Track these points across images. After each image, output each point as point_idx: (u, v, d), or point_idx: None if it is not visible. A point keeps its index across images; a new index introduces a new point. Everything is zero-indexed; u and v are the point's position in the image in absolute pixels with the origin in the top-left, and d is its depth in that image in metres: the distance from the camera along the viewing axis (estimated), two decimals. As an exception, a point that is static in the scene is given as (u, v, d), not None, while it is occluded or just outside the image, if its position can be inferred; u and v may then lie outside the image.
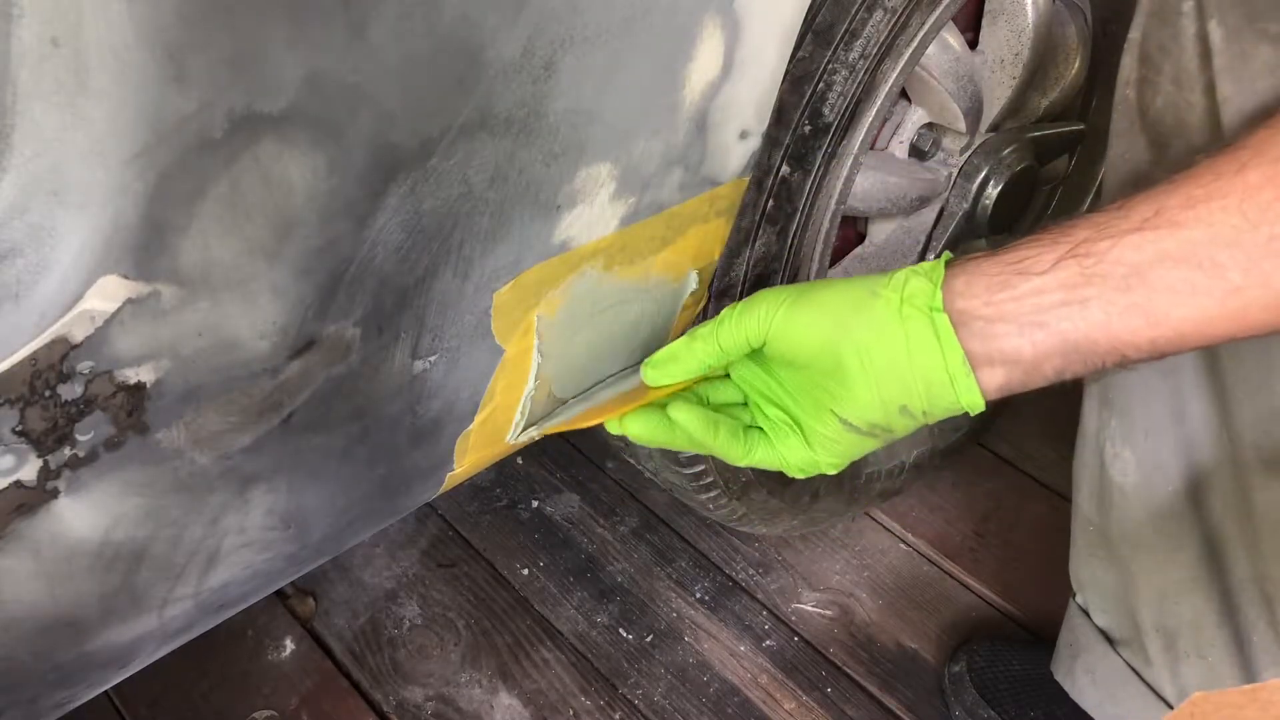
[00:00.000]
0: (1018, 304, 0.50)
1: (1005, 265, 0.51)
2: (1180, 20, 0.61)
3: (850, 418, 0.54)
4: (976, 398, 0.52)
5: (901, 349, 0.52)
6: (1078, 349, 0.50)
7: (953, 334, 0.51)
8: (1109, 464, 0.78)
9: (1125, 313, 0.48)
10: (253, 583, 0.60)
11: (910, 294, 0.52)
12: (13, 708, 0.52)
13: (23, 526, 0.44)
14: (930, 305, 0.51)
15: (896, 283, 0.53)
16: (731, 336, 0.58)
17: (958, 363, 0.51)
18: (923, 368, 0.52)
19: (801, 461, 0.58)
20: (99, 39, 0.35)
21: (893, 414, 0.54)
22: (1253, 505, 0.68)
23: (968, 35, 1.00)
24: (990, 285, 0.51)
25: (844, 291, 0.55)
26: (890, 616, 1.17)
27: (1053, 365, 0.51)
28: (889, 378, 0.53)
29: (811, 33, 0.72)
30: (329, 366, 0.52)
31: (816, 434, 0.57)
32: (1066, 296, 0.49)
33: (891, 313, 0.52)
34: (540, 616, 1.16)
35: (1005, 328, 0.51)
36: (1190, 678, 0.79)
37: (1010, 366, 0.51)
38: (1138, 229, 0.48)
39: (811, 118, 0.75)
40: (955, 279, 0.52)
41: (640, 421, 0.60)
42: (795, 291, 0.56)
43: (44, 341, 0.40)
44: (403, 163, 0.47)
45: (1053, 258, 0.50)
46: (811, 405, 0.56)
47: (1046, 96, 1.12)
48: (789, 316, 0.55)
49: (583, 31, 0.51)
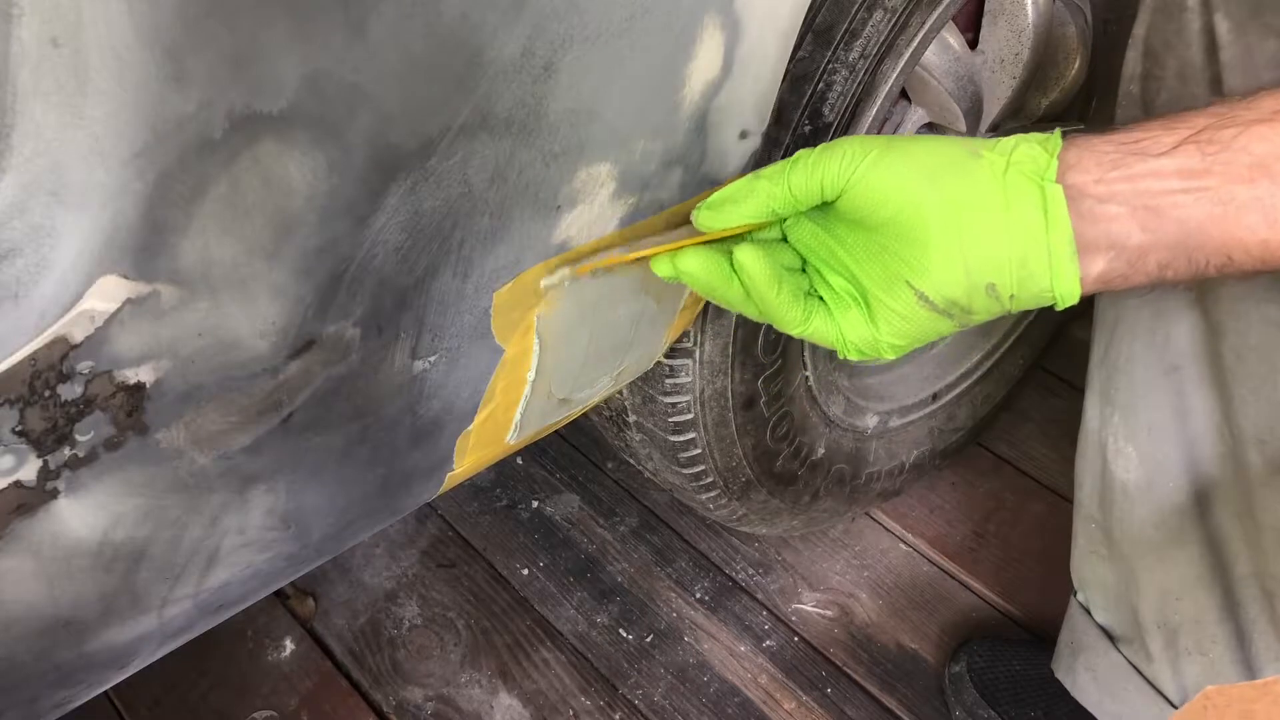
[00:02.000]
0: (1132, 184, 0.46)
1: (1120, 144, 0.47)
2: (1185, 15, 0.61)
3: (928, 291, 0.48)
4: (1074, 285, 0.47)
5: (1000, 218, 0.46)
6: (1187, 242, 0.46)
7: (1064, 209, 0.46)
8: (1111, 461, 0.78)
9: (1245, 206, 0.45)
10: (253, 583, 0.60)
11: (1019, 159, 0.47)
12: (13, 708, 0.52)
13: (22, 526, 0.44)
14: (1042, 175, 0.46)
15: (1004, 146, 0.48)
16: (805, 180, 0.51)
17: (1063, 242, 0.46)
18: (1022, 243, 0.46)
19: (861, 339, 0.52)
20: (99, 39, 0.35)
21: (977, 292, 0.48)
22: (1255, 502, 0.68)
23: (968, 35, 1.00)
24: (1104, 162, 0.47)
25: (942, 147, 0.49)
26: (890, 616, 1.17)
27: (1157, 259, 0.47)
28: (981, 249, 0.47)
29: (811, 33, 0.72)
30: (329, 366, 0.52)
31: (884, 308, 0.50)
32: (1184, 183, 0.45)
33: (994, 176, 0.47)
34: (540, 616, 1.16)
35: (1116, 209, 0.46)
36: (1191, 675, 0.79)
37: (1115, 254, 0.47)
38: (1266, 120, 0.45)
39: (811, 118, 0.75)
40: (1066, 152, 0.47)
41: (698, 260, 0.53)
42: (884, 140, 0.50)
43: (44, 341, 0.40)
44: (403, 163, 0.47)
45: (1172, 140, 0.46)
46: (883, 274, 0.50)
47: (1046, 96, 1.12)
48: (876, 165, 0.49)
49: (583, 31, 0.51)
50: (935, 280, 0.48)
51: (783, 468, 1.00)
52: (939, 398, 1.19)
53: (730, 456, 0.94)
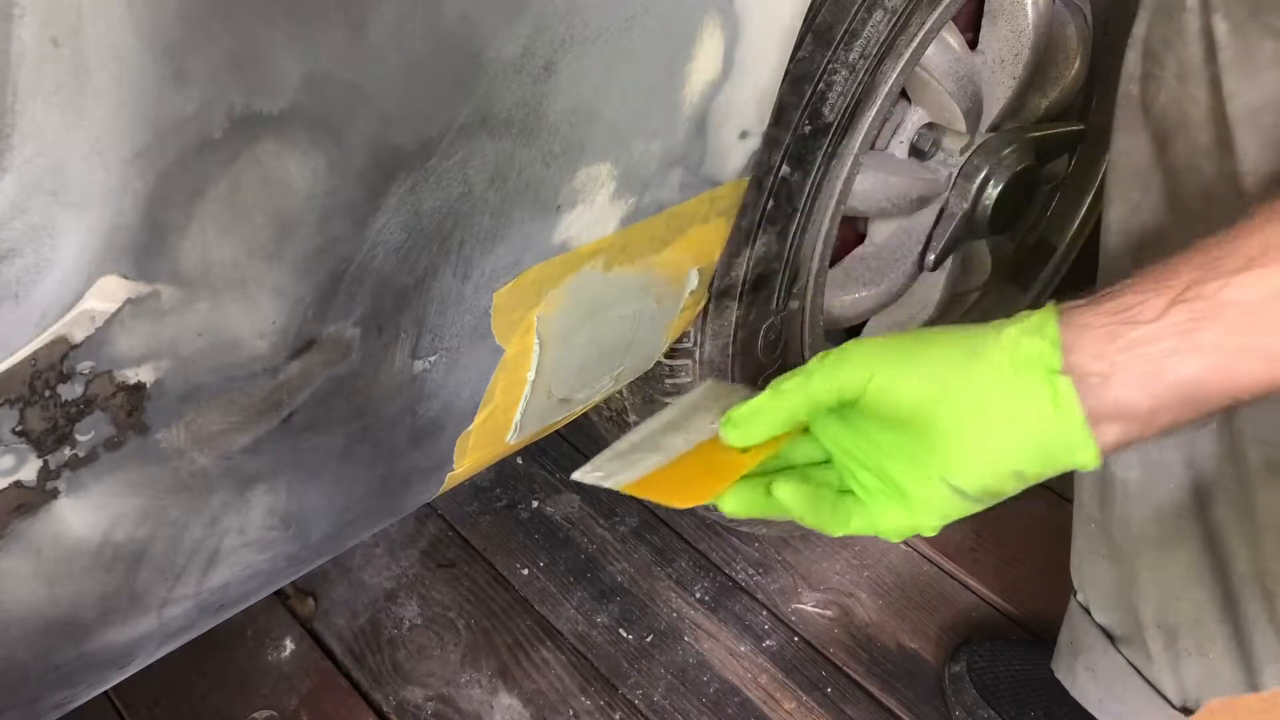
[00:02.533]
0: (1129, 355, 0.48)
1: (1111, 315, 0.49)
2: (1184, 15, 0.61)
3: (961, 483, 0.51)
4: (1094, 458, 0.50)
5: (1014, 416, 0.49)
6: (1194, 397, 0.48)
7: (1074, 399, 0.48)
8: (1111, 461, 0.78)
9: (1240, 355, 0.47)
10: (253, 583, 0.60)
11: (1023, 356, 0.49)
12: (13, 708, 0.52)
13: (23, 526, 0.44)
14: (1048, 367, 0.49)
15: (1006, 342, 0.50)
16: (823, 391, 0.53)
17: (1076, 427, 0.49)
18: (1038, 435, 0.49)
19: (900, 527, 0.55)
20: (99, 39, 0.35)
21: (1005, 478, 0.51)
22: (1254, 502, 0.68)
23: (968, 35, 1.00)
24: (1099, 338, 0.49)
25: (948, 348, 0.52)
26: (890, 616, 1.17)
27: (1168, 417, 0.49)
28: (1002, 444, 0.50)
29: (811, 33, 0.72)
30: (329, 366, 0.52)
31: (919, 500, 0.53)
32: (1179, 344, 0.47)
33: (1003, 374, 0.50)
34: (540, 616, 1.16)
35: (1119, 381, 0.48)
36: (1191, 675, 0.79)
37: (1126, 421, 0.49)
38: (1245, 267, 0.47)
39: (811, 118, 0.75)
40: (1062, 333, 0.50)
41: (738, 500, 0.56)
42: (891, 345, 0.53)
43: (44, 341, 0.40)
44: (403, 163, 0.47)
45: (1161, 304, 0.48)
46: (914, 469, 0.53)
47: (1046, 96, 1.12)
48: (890, 374, 0.52)
49: (583, 31, 0.51)
50: (966, 475, 0.51)
51: (783, 468, 1.00)
52: (939, 398, 1.18)
53: (730, 456, 0.94)
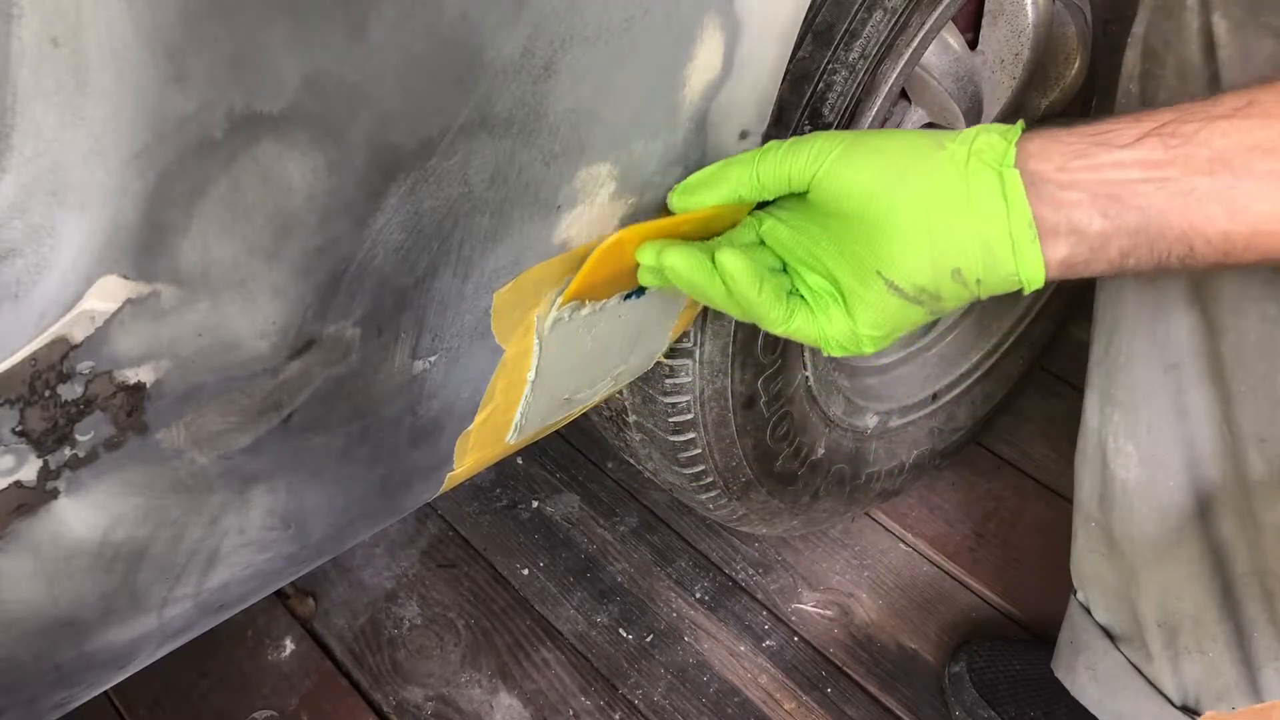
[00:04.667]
0: (1094, 174, 0.48)
1: (1085, 135, 0.49)
2: (1184, 14, 0.62)
3: (897, 279, 0.50)
4: (1038, 268, 0.49)
5: (962, 204, 0.48)
6: (1149, 229, 0.47)
7: (1023, 193, 0.47)
8: (1111, 459, 0.78)
9: (1205, 198, 0.46)
10: (253, 583, 0.60)
11: (979, 148, 0.49)
12: (13, 708, 0.52)
13: (23, 526, 0.44)
14: (1001, 162, 0.48)
15: (965, 137, 0.50)
16: (774, 170, 0.53)
17: (1023, 225, 0.48)
18: (983, 227, 0.48)
19: (841, 334, 0.53)
20: (99, 39, 0.35)
21: (944, 278, 0.49)
22: (1254, 500, 0.69)
23: (968, 35, 1.00)
24: (1066, 152, 0.48)
25: (906, 140, 0.51)
26: (890, 616, 1.17)
27: (1119, 245, 0.48)
28: (944, 235, 0.49)
29: (811, 33, 0.72)
30: (329, 366, 0.52)
31: (858, 299, 0.52)
32: (1146, 173, 0.47)
33: (956, 166, 0.49)
34: (540, 616, 1.16)
35: (1077, 195, 0.48)
36: (1191, 674, 0.79)
37: (1077, 239, 0.48)
38: (1228, 116, 0.46)
39: (811, 118, 0.75)
40: (1030, 141, 0.49)
41: (682, 256, 0.54)
42: (851, 135, 0.52)
43: (44, 341, 0.40)
44: (403, 163, 0.47)
45: (1136, 133, 0.48)
46: (854, 266, 0.52)
47: (1046, 96, 1.12)
48: (842, 158, 0.51)
49: (583, 31, 0.51)
50: (903, 268, 0.50)
51: (783, 468, 1.00)
52: (939, 398, 1.19)
53: (730, 456, 0.94)
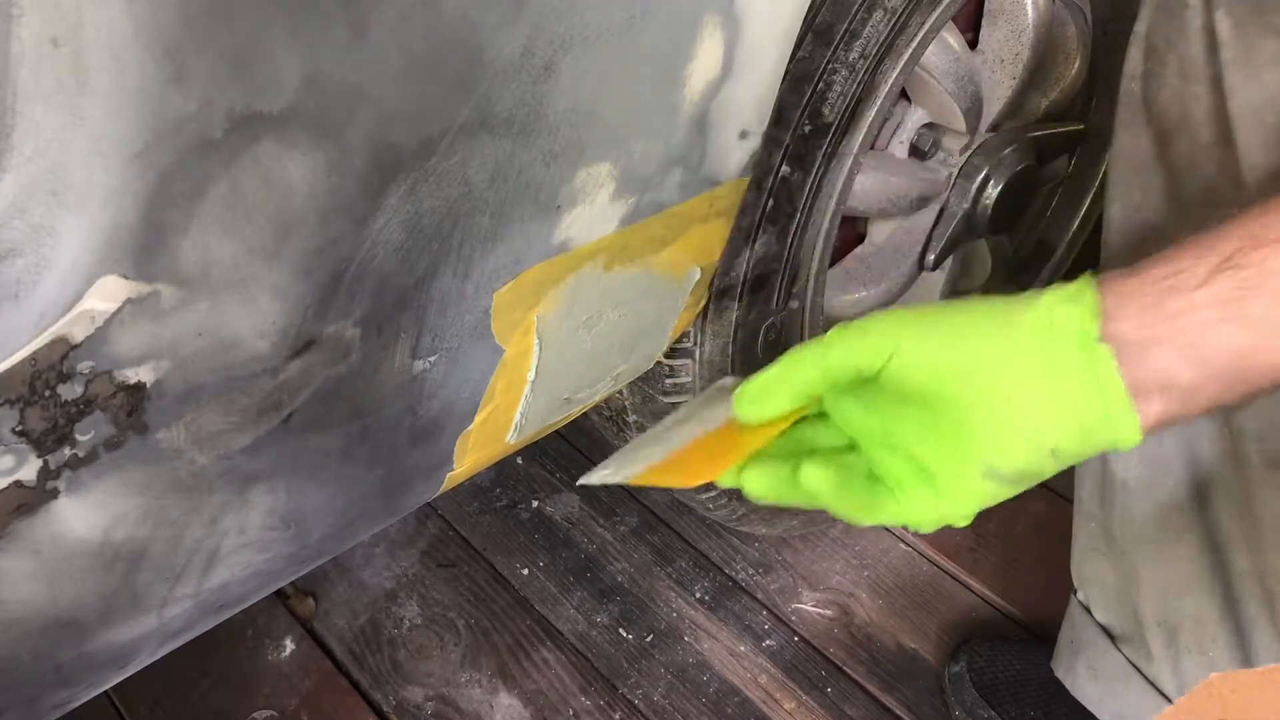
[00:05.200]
0: (1172, 324, 0.46)
1: (1156, 282, 0.47)
2: (1187, 13, 0.61)
3: (997, 464, 0.48)
4: (1134, 432, 0.47)
5: (1053, 385, 0.47)
6: (1238, 370, 0.46)
7: (1114, 369, 0.46)
8: (1111, 459, 0.78)
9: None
10: (253, 583, 0.60)
11: (1060, 323, 0.47)
12: (13, 708, 0.52)
13: (23, 526, 0.44)
14: (1086, 334, 0.46)
15: (1041, 310, 0.47)
16: (841, 362, 0.50)
17: (1118, 400, 0.46)
18: (1077, 405, 0.47)
19: (932, 517, 0.51)
20: (99, 39, 0.35)
21: (1043, 457, 0.48)
22: (1254, 500, 0.68)
23: (968, 35, 1.00)
24: (1141, 306, 0.46)
25: (979, 317, 0.48)
26: (890, 616, 1.17)
27: (1211, 392, 0.47)
28: (1039, 420, 0.47)
29: (811, 33, 0.72)
30: (329, 366, 0.52)
31: (952, 484, 0.49)
32: (1225, 313, 0.45)
33: (1040, 344, 0.47)
34: (540, 616, 1.16)
35: (1161, 351, 0.46)
36: (1191, 673, 0.79)
37: (1168, 394, 0.47)
38: None
39: (811, 118, 0.75)
40: (1104, 301, 0.47)
41: (762, 477, 0.52)
42: (917, 314, 0.50)
43: (44, 341, 0.40)
44: (403, 163, 0.47)
45: (1204, 272, 0.46)
46: (944, 450, 0.49)
47: (1046, 96, 1.12)
48: (917, 345, 0.48)
49: (583, 31, 0.51)
50: (1000, 456, 0.48)
51: (783, 468, 1.00)
52: (939, 397, 1.18)
53: (730, 456, 0.94)
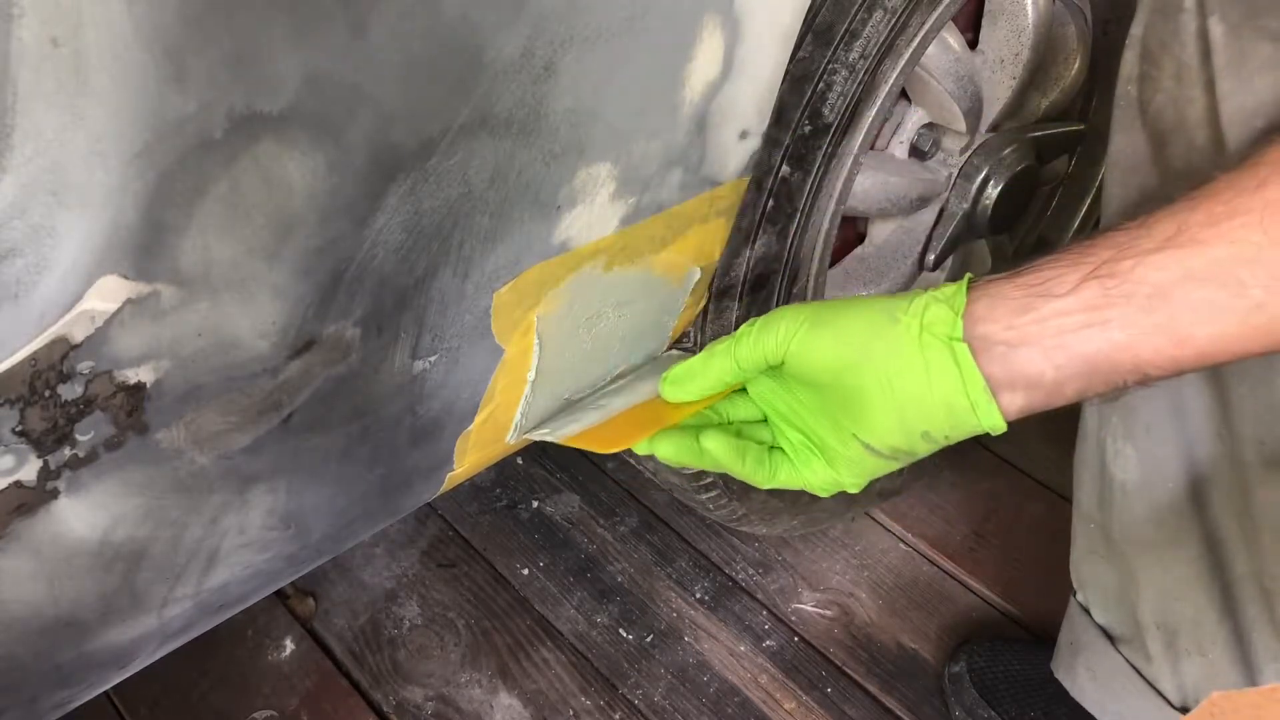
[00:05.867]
0: (1040, 326, 0.50)
1: (1027, 288, 0.51)
2: (1181, 16, 0.62)
3: (872, 442, 0.55)
4: (998, 421, 0.52)
5: (922, 376, 0.52)
6: (1099, 370, 0.50)
7: (972, 362, 0.51)
8: (1110, 461, 0.78)
9: (1149, 333, 0.48)
10: (253, 583, 0.60)
11: (930, 321, 0.52)
12: (13, 708, 0.52)
13: (23, 526, 0.44)
14: (950, 334, 0.52)
15: (916, 308, 0.53)
16: (749, 355, 0.58)
17: (978, 390, 0.51)
18: (943, 394, 0.52)
19: (825, 481, 0.59)
20: (99, 39, 0.35)
21: (914, 438, 0.54)
22: (1253, 502, 0.68)
23: (968, 35, 1.00)
24: (1012, 309, 0.51)
25: (863, 315, 0.55)
26: (890, 616, 1.17)
27: (1074, 387, 0.51)
28: (910, 404, 0.53)
29: (811, 33, 0.72)
30: (329, 366, 0.52)
31: (839, 455, 0.57)
32: (1089, 318, 0.49)
33: (911, 340, 0.52)
34: (540, 616, 1.16)
35: (1027, 351, 0.51)
36: (1191, 675, 0.79)
37: (1031, 390, 0.51)
38: (1160, 248, 0.48)
39: (811, 118, 0.75)
40: (976, 303, 0.52)
41: (670, 444, 0.61)
42: (813, 311, 0.56)
43: (44, 341, 0.40)
44: (403, 163, 0.48)
45: (1075, 279, 0.50)
46: (832, 427, 0.57)
47: (1046, 96, 1.12)
48: (807, 339, 0.55)
49: (583, 31, 0.51)
50: (878, 433, 0.55)
51: (783, 468, 1.00)
52: (939, 398, 1.18)
53: (730, 456, 0.94)
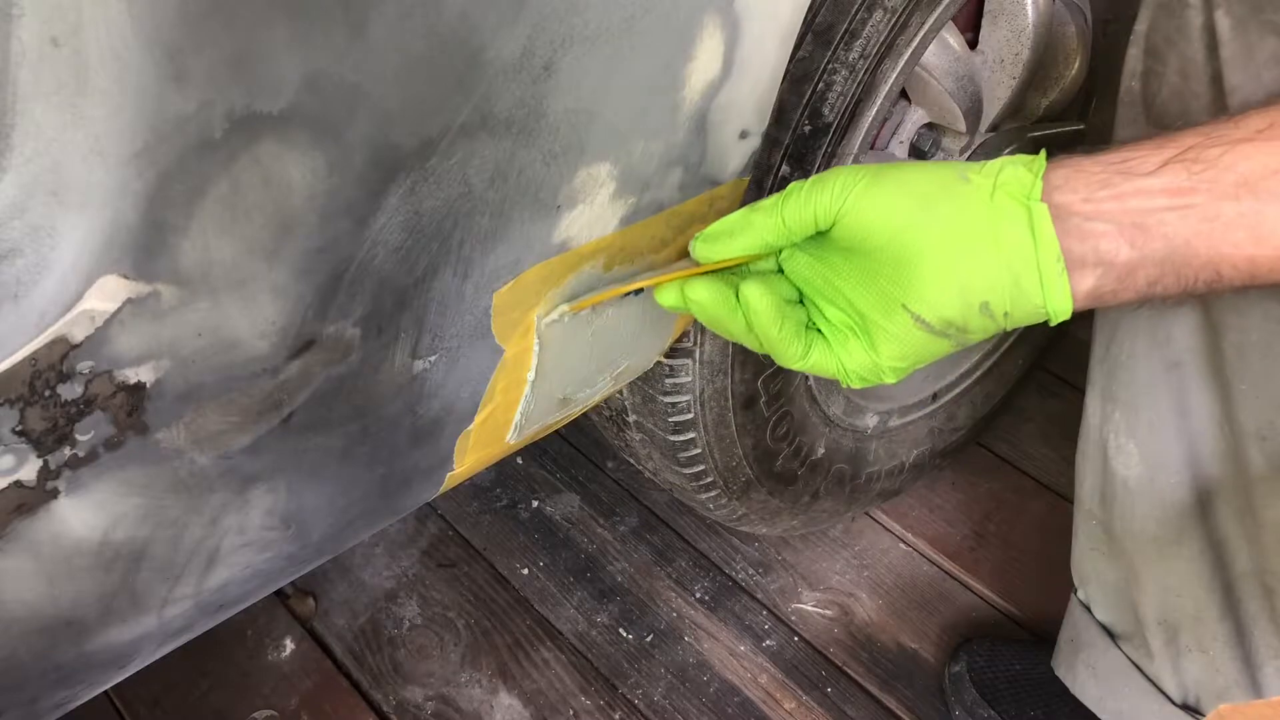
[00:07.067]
0: (1119, 203, 0.47)
1: (1108, 164, 0.48)
2: (1187, 12, 0.62)
3: (924, 313, 0.50)
4: (1065, 300, 0.48)
5: (989, 238, 0.48)
6: (1175, 257, 0.47)
7: (1050, 226, 0.47)
8: (1112, 457, 0.78)
9: (1231, 223, 0.46)
10: (253, 583, 0.60)
11: (1005, 181, 0.48)
12: (13, 708, 0.52)
13: (23, 526, 0.44)
14: (1027, 195, 0.48)
15: (990, 169, 0.49)
16: (798, 211, 0.52)
17: (1051, 258, 0.47)
18: (1012, 260, 0.48)
19: (862, 366, 0.53)
20: (99, 39, 0.35)
21: (972, 311, 0.49)
22: (1255, 499, 0.69)
23: (968, 35, 1.00)
24: (1091, 182, 0.48)
25: (930, 173, 0.50)
26: (890, 616, 1.17)
27: (1146, 274, 0.48)
28: (973, 268, 0.48)
29: (811, 33, 0.72)
30: (329, 366, 0.52)
31: (883, 332, 0.51)
32: (1171, 201, 0.47)
33: (983, 199, 0.48)
34: (540, 616, 1.16)
35: (1104, 226, 0.48)
36: (1192, 672, 0.79)
37: (1104, 270, 0.48)
38: (1251, 139, 0.46)
39: (811, 118, 0.75)
40: (1054, 172, 0.49)
41: (706, 290, 0.54)
42: (873, 169, 0.51)
43: (44, 341, 0.40)
44: (403, 163, 0.47)
45: (1159, 159, 0.47)
46: (879, 298, 0.51)
47: (1046, 96, 1.12)
48: (867, 193, 0.50)
49: (583, 31, 0.51)
50: (931, 302, 0.49)
51: (783, 467, 1.00)
52: (939, 398, 1.19)
53: (730, 456, 0.94)
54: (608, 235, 0.62)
